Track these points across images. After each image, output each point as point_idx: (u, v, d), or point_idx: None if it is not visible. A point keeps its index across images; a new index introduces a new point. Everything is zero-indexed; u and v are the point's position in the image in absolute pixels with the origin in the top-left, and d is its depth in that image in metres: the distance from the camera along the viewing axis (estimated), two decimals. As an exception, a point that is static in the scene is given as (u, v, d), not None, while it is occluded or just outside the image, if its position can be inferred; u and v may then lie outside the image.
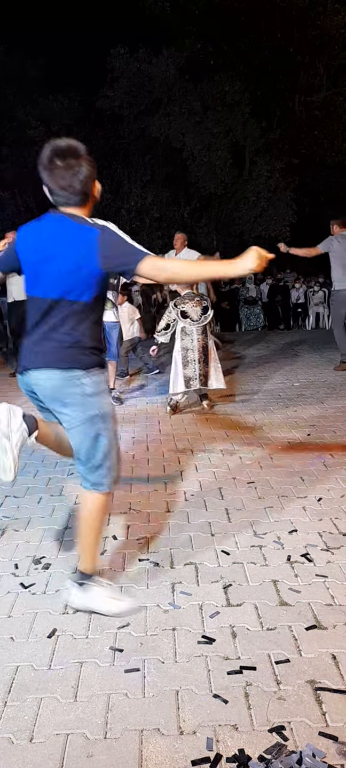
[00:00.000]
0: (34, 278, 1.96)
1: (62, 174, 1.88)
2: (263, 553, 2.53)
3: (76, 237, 1.89)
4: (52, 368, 1.93)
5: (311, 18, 12.97)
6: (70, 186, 1.90)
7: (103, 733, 1.57)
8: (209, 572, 2.39)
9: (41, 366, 1.95)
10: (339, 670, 1.78)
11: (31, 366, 1.97)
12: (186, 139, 14.15)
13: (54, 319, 1.92)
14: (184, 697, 1.69)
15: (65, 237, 1.90)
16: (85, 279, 1.89)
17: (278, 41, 13.31)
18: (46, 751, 1.52)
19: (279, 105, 14.80)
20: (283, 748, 1.49)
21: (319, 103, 14.30)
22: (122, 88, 14.57)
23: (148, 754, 1.50)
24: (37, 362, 1.95)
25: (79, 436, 2.01)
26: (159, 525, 2.87)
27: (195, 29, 13.86)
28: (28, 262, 1.97)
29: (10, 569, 2.48)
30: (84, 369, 1.94)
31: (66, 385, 1.93)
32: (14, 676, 1.81)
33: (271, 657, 1.85)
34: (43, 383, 1.97)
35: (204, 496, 3.20)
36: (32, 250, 1.96)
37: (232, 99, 13.83)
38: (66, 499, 3.26)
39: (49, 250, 1.91)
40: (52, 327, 1.92)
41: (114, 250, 1.90)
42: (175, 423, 4.85)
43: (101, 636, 2.00)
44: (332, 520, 2.83)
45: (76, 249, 1.88)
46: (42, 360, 1.94)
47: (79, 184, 1.91)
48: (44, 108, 14.61)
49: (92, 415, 1.98)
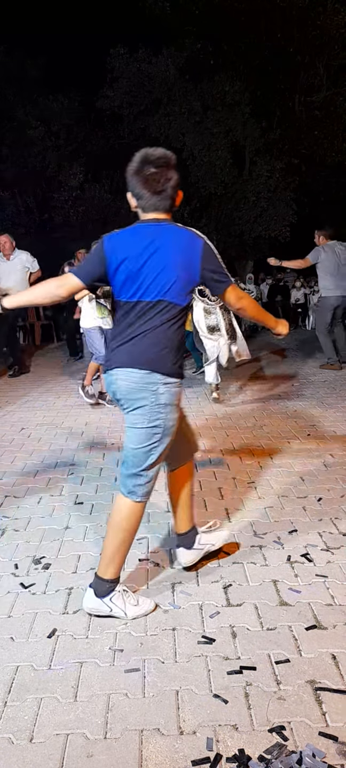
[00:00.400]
0: (131, 283, 1.99)
1: (156, 179, 1.97)
2: (263, 553, 2.53)
3: (182, 243, 1.99)
4: (134, 368, 1.98)
5: (311, 18, 12.95)
6: (163, 191, 1.99)
7: (103, 733, 1.57)
8: (209, 572, 2.39)
9: (125, 365, 2.00)
10: (339, 670, 1.78)
11: (115, 365, 2.03)
12: (186, 139, 14.15)
13: (148, 322, 1.98)
14: (184, 697, 1.69)
15: (176, 244, 1.98)
16: (185, 285, 1.99)
17: (278, 41, 13.29)
18: (46, 751, 1.52)
19: (279, 105, 14.79)
20: (283, 748, 1.49)
21: (319, 103, 14.28)
22: (122, 88, 14.55)
23: (148, 754, 1.50)
24: (123, 361, 2.01)
25: (135, 441, 2.03)
26: (159, 525, 2.87)
27: (195, 29, 13.85)
28: (125, 268, 1.98)
29: (10, 569, 2.48)
30: (164, 375, 1.98)
31: (142, 389, 1.98)
32: (14, 676, 1.81)
33: (271, 657, 1.85)
34: (121, 381, 2.01)
35: (204, 496, 3.20)
36: (130, 256, 1.97)
37: (232, 99, 13.82)
38: (66, 499, 3.26)
39: (153, 255, 1.96)
40: (145, 330, 1.98)
41: (212, 264, 2.04)
42: (175, 423, 4.85)
43: (101, 636, 2.00)
44: (332, 520, 2.83)
45: (182, 254, 1.97)
46: (128, 359, 1.99)
47: (170, 190, 2.00)
48: (44, 108, 14.58)
49: (155, 426, 2.00)
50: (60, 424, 4.97)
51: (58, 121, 14.72)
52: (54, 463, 3.90)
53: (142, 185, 1.98)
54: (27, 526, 2.91)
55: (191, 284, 2.02)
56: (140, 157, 1.99)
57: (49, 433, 4.66)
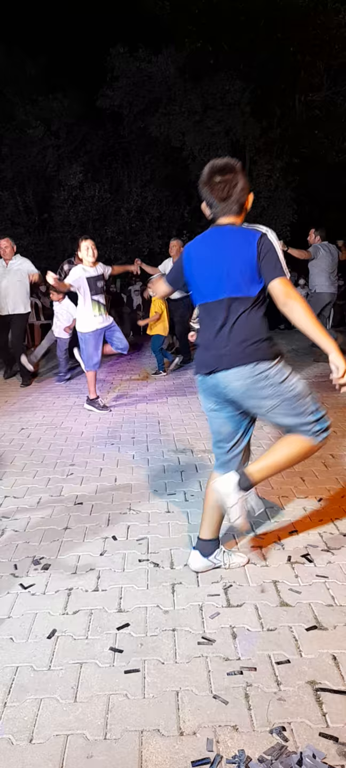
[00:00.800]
0: (210, 285, 2.15)
1: (222, 187, 2.12)
2: (263, 553, 2.53)
3: (243, 240, 2.10)
4: (240, 365, 2.08)
5: (311, 18, 12.93)
6: (229, 197, 2.13)
7: (103, 734, 1.57)
8: (209, 572, 2.38)
9: (230, 366, 2.10)
10: (340, 671, 1.77)
11: (219, 368, 2.13)
12: (186, 138, 14.12)
13: (233, 318, 2.10)
14: (184, 697, 1.69)
15: (234, 242, 2.11)
16: (251, 276, 2.09)
17: (278, 41, 13.28)
18: (46, 752, 1.52)
19: (279, 105, 14.77)
20: (283, 749, 1.48)
21: (319, 103, 14.28)
22: (122, 87, 14.52)
23: (148, 755, 1.49)
24: (225, 363, 2.11)
25: (282, 414, 2.12)
26: (159, 525, 2.87)
27: (195, 29, 13.83)
28: (201, 272, 2.19)
29: (9, 570, 2.48)
30: (268, 360, 2.09)
31: (257, 380, 2.08)
32: (14, 676, 1.81)
33: (271, 658, 1.85)
34: (233, 383, 2.11)
35: (204, 496, 3.19)
36: (204, 260, 2.17)
37: (232, 98, 13.80)
38: (66, 499, 3.26)
39: (221, 256, 2.11)
40: (232, 326, 2.10)
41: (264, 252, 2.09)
42: (175, 423, 4.85)
43: (101, 637, 1.99)
44: (333, 520, 2.83)
45: (244, 250, 2.08)
46: (229, 360, 2.10)
47: (236, 195, 2.13)
48: (44, 107, 14.55)
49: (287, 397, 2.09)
50: (60, 424, 4.97)
51: (58, 121, 14.70)
52: (54, 463, 3.90)
53: (211, 194, 2.14)
54: (27, 527, 2.91)
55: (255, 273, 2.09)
56: (208, 169, 2.16)
57: (49, 433, 4.66)
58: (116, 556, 2.56)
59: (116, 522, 2.92)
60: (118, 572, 2.43)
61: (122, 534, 2.78)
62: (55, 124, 14.67)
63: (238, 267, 2.08)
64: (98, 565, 2.49)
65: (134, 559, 2.53)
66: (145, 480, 3.52)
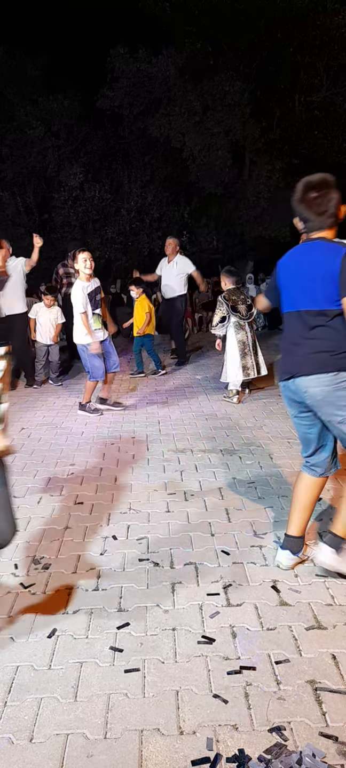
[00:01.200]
0: (295, 296, 2.26)
1: (318, 203, 2.20)
2: (263, 553, 2.53)
3: (328, 254, 2.16)
4: (321, 372, 2.16)
5: (311, 18, 12.94)
6: (325, 212, 2.20)
7: (103, 733, 1.57)
8: (209, 572, 2.39)
9: (311, 372, 2.18)
10: (339, 670, 1.78)
11: (300, 373, 2.22)
12: (186, 139, 14.12)
13: (318, 328, 2.18)
14: (184, 697, 1.69)
15: (320, 257, 2.18)
16: (334, 290, 2.13)
17: (278, 41, 13.28)
18: (46, 751, 1.52)
19: (279, 105, 14.77)
20: (283, 748, 1.49)
21: (319, 103, 14.28)
22: (122, 88, 14.52)
23: (148, 754, 1.50)
24: (307, 369, 2.20)
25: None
26: (159, 525, 2.87)
27: (195, 29, 13.83)
28: (288, 284, 2.31)
29: (10, 569, 2.48)
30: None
31: (337, 388, 2.15)
32: (14, 676, 1.81)
33: (271, 657, 1.85)
34: (313, 389, 2.19)
35: (204, 497, 3.20)
36: (291, 273, 2.29)
37: (232, 99, 13.80)
38: (66, 499, 3.26)
39: (311, 270, 2.19)
40: (316, 335, 2.18)
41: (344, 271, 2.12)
42: (175, 423, 4.85)
43: (101, 636, 2.00)
44: (333, 520, 2.82)
45: (329, 265, 2.14)
46: (311, 366, 2.19)
47: (331, 209, 2.21)
48: (44, 108, 14.56)
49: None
50: (60, 424, 4.97)
51: (58, 121, 14.70)
52: (54, 463, 3.90)
53: (307, 210, 2.23)
54: (27, 526, 2.91)
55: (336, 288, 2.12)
56: (302, 186, 2.24)
57: (49, 433, 4.66)
58: (116, 556, 2.56)
59: (116, 522, 2.92)
60: (118, 572, 2.43)
61: (122, 534, 2.79)
62: (55, 124, 14.67)
63: (321, 280, 2.15)
64: (98, 565, 2.49)
65: (134, 558, 2.53)
66: (145, 480, 3.53)
